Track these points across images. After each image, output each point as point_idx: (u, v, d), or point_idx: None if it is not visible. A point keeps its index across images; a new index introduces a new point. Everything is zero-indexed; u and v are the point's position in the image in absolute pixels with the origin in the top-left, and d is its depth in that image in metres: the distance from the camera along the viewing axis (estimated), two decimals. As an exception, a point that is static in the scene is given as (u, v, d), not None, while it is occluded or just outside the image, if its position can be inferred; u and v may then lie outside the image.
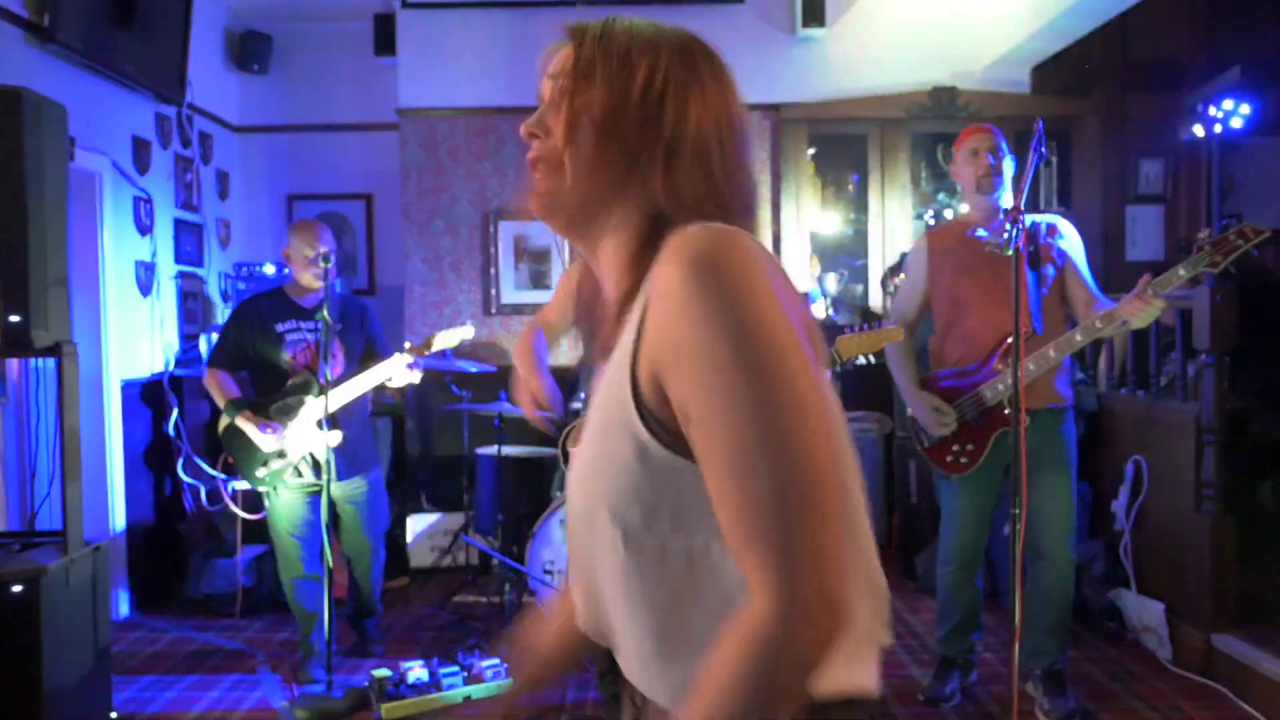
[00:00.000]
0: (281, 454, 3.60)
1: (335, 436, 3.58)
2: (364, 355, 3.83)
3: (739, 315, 0.83)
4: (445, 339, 3.71)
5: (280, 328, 3.68)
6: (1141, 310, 2.89)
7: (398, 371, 3.63)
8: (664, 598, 0.93)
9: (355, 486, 3.77)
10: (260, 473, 3.64)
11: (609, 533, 0.94)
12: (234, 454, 3.71)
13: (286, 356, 3.66)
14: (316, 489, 3.61)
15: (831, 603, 0.82)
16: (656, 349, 0.88)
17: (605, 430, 0.95)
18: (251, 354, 3.71)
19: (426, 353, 3.67)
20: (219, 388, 3.69)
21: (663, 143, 0.97)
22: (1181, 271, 2.87)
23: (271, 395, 3.66)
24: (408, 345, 3.72)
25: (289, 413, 3.62)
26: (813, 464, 0.83)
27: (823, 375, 0.87)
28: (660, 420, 0.89)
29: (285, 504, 3.68)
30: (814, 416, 0.84)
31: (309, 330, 3.66)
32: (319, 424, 3.47)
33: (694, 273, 0.85)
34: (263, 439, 3.59)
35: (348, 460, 3.70)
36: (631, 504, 0.92)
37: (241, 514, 4.22)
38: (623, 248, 0.99)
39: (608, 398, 0.95)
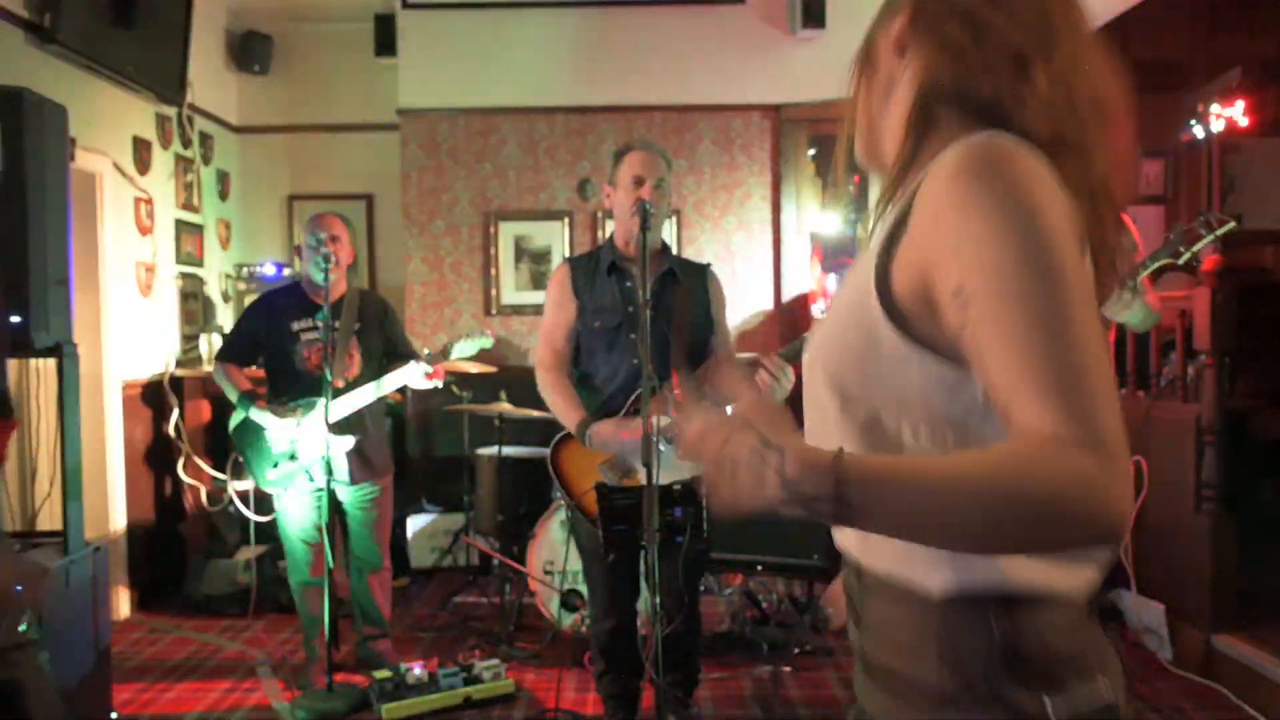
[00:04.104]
0: (293, 456, 3.55)
1: (347, 441, 3.54)
2: (383, 356, 3.73)
3: (1023, 211, 0.86)
4: (463, 349, 3.63)
5: (295, 325, 3.60)
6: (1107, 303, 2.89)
7: (415, 380, 3.56)
8: None
9: (367, 492, 3.71)
10: (271, 475, 3.58)
11: (828, 400, 0.99)
12: (244, 454, 3.64)
13: (301, 355, 3.58)
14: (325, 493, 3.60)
15: (1126, 472, 0.80)
16: (928, 246, 0.92)
17: (846, 312, 1.00)
18: (265, 350, 3.64)
19: (444, 363, 3.59)
20: (229, 381, 3.61)
21: (939, 31, 1.02)
22: (1147, 262, 2.88)
23: (285, 395, 3.59)
24: (426, 353, 3.62)
25: (303, 413, 3.54)
26: (1096, 348, 0.84)
27: (1089, 276, 0.92)
28: (905, 312, 0.93)
29: (296, 508, 3.62)
30: (1091, 312, 0.86)
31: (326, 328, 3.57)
32: (330, 427, 3.42)
33: (974, 177, 0.89)
34: (281, 425, 3.50)
35: (362, 465, 3.65)
36: (853, 376, 0.97)
37: (252, 516, 4.18)
38: (896, 142, 1.05)
39: (853, 285, 1.01)
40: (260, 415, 3.54)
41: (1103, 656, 0.93)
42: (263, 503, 3.97)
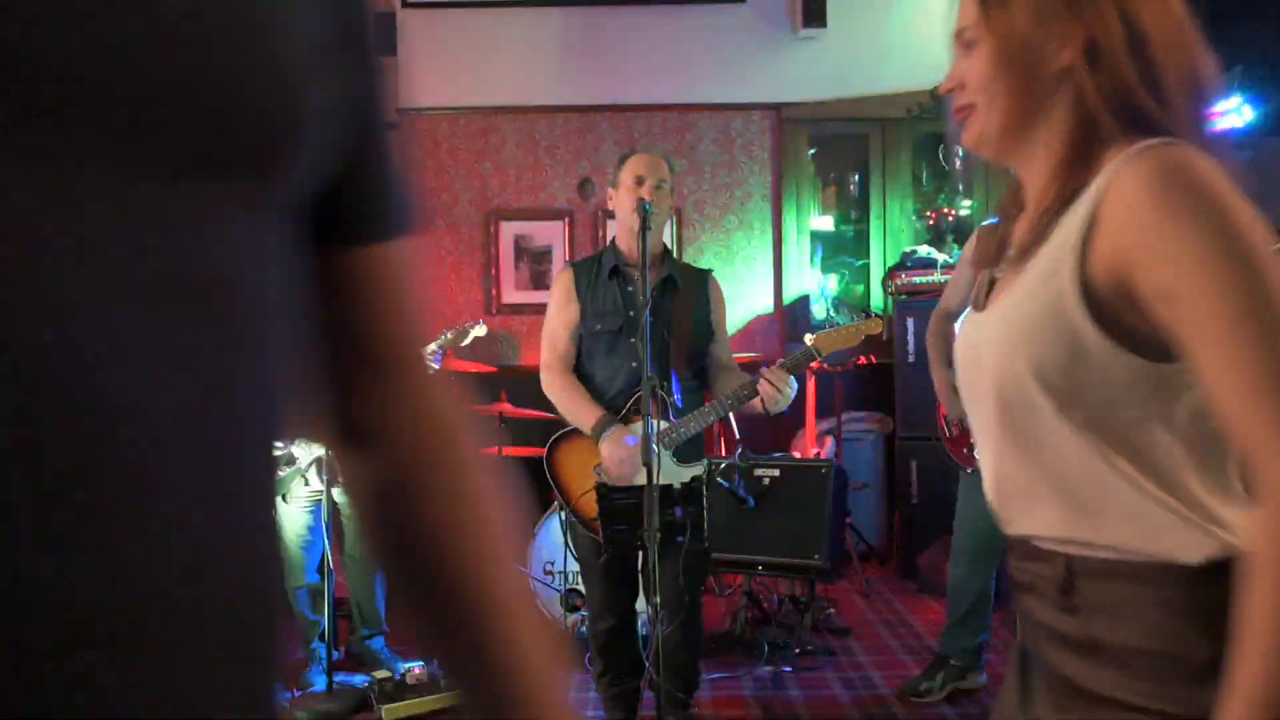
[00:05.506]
0: (290, 460, 3.55)
1: None
2: None
3: (1219, 212, 0.92)
4: (453, 339, 3.62)
5: None
6: None
7: None
8: (1075, 478, 1.01)
9: None
10: None
11: (1043, 401, 1.00)
12: None
13: None
14: (321, 497, 3.58)
15: None
16: (1123, 244, 0.95)
17: (1030, 319, 1.01)
18: None
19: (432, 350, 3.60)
20: None
21: (1080, 51, 1.01)
22: None
23: None
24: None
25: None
26: None
27: None
28: (1105, 312, 0.97)
29: (291, 513, 3.61)
30: None
31: None
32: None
33: (1165, 180, 0.93)
34: None
35: None
36: (1054, 386, 0.99)
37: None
38: (1054, 155, 1.05)
39: (1032, 291, 1.02)
40: None
41: None
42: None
